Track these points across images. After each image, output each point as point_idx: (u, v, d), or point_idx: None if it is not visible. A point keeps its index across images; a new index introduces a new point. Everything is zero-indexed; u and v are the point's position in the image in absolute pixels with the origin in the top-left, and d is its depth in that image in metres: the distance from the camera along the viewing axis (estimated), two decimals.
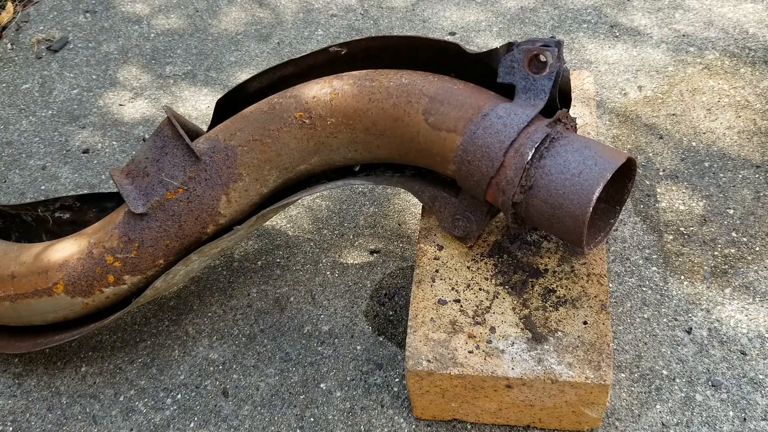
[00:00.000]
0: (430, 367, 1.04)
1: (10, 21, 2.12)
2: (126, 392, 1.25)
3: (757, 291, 1.27)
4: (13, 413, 1.24)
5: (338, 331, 1.29)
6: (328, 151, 1.15)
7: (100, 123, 1.78)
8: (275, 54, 1.93)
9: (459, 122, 1.06)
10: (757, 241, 1.34)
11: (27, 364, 1.31)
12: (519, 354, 1.03)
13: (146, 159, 1.14)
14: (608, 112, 1.63)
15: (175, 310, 1.36)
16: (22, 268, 1.19)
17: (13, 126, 1.80)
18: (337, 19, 2.01)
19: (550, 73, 1.05)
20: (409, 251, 1.41)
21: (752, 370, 1.16)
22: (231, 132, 1.14)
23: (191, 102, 1.81)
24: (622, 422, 1.12)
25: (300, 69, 1.23)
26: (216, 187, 1.12)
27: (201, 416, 1.20)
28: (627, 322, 1.24)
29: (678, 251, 1.34)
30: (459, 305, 1.10)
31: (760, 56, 1.70)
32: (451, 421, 1.15)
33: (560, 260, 1.14)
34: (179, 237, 1.13)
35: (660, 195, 1.44)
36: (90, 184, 1.64)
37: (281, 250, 1.44)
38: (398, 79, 1.11)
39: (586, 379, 1.00)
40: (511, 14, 1.95)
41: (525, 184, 1.01)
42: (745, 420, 1.11)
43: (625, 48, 1.79)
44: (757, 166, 1.47)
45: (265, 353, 1.28)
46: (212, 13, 2.09)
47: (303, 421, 1.18)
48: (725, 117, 1.57)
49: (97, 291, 1.16)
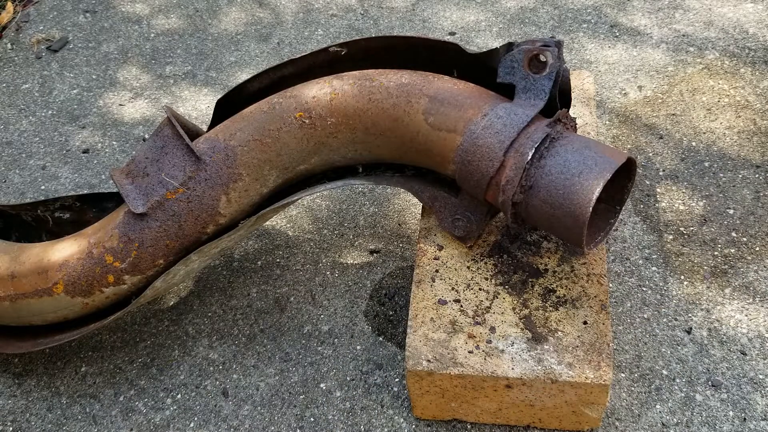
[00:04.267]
0: (430, 367, 1.04)
1: (10, 21, 2.12)
2: (126, 392, 1.25)
3: (757, 291, 1.27)
4: (13, 413, 1.24)
5: (338, 331, 1.29)
6: (328, 151, 1.15)
7: (100, 123, 1.78)
8: (275, 54, 1.93)
9: (459, 122, 1.06)
10: (757, 241, 1.34)
11: (27, 364, 1.31)
12: (519, 354, 1.03)
13: (146, 159, 1.14)
14: (608, 112, 1.63)
15: (175, 310, 1.36)
16: (22, 268, 1.19)
17: (13, 126, 1.80)
18: (337, 19, 2.01)
19: (550, 73, 1.05)
20: (409, 251, 1.41)
21: (752, 370, 1.16)
22: (231, 132, 1.14)
23: (191, 102, 1.81)
24: (622, 422, 1.12)
25: (300, 69, 1.23)
26: (216, 187, 1.12)
27: (201, 416, 1.20)
28: (627, 322, 1.24)
29: (678, 251, 1.34)
30: (459, 305, 1.10)
31: (760, 56, 1.70)
32: (451, 421, 1.15)
33: (560, 260, 1.14)
34: (179, 237, 1.13)
35: (660, 195, 1.44)
36: (90, 184, 1.64)
37: (281, 250, 1.44)
38: (398, 79, 1.11)
39: (586, 379, 1.00)
40: (511, 14, 1.95)
41: (525, 184, 1.01)
42: (745, 420, 1.11)
43: (625, 48, 1.79)
44: (757, 166, 1.47)
45: (265, 353, 1.28)
46: (212, 13, 2.09)
47: (303, 421, 1.18)
48: (725, 117, 1.57)
49: (97, 291, 1.16)
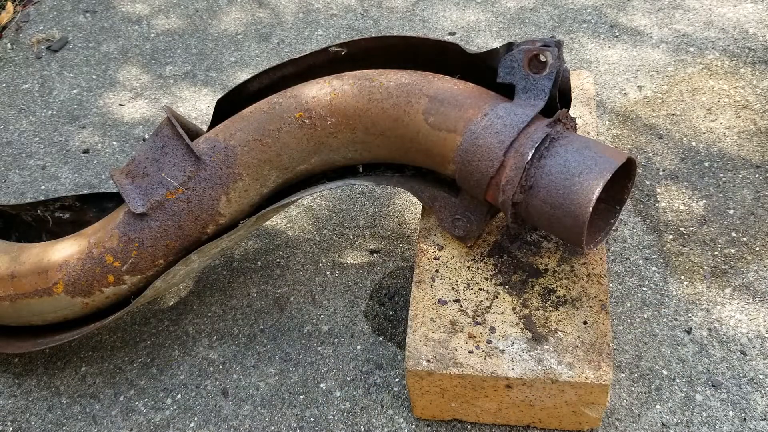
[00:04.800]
0: (430, 367, 1.04)
1: (10, 21, 2.12)
2: (126, 392, 1.25)
3: (757, 291, 1.27)
4: (13, 413, 1.24)
5: (338, 331, 1.29)
6: (328, 151, 1.15)
7: (100, 123, 1.78)
8: (275, 54, 1.93)
9: (459, 122, 1.06)
10: (757, 241, 1.34)
11: (27, 364, 1.31)
12: (519, 354, 1.03)
13: (146, 159, 1.14)
14: (608, 112, 1.63)
15: (175, 310, 1.36)
16: (22, 268, 1.19)
17: (13, 126, 1.80)
18: (337, 19, 2.01)
19: (550, 73, 1.05)
20: (409, 251, 1.41)
21: (752, 370, 1.16)
22: (231, 132, 1.14)
23: (191, 102, 1.81)
24: (622, 422, 1.12)
25: (300, 69, 1.23)
26: (216, 187, 1.12)
27: (201, 416, 1.20)
28: (627, 322, 1.24)
29: (678, 251, 1.34)
30: (459, 305, 1.10)
31: (760, 56, 1.70)
32: (451, 421, 1.15)
33: (560, 260, 1.14)
34: (179, 237, 1.13)
35: (660, 195, 1.44)
36: (90, 184, 1.64)
37: (281, 250, 1.44)
38: (398, 79, 1.11)
39: (586, 379, 1.00)
40: (511, 14, 1.95)
41: (525, 184, 1.01)
42: (745, 420, 1.11)
43: (625, 48, 1.79)
44: (757, 166, 1.47)
45: (265, 353, 1.28)
46: (212, 13, 2.09)
47: (303, 421, 1.18)
48: (725, 117, 1.57)
49: (97, 291, 1.16)
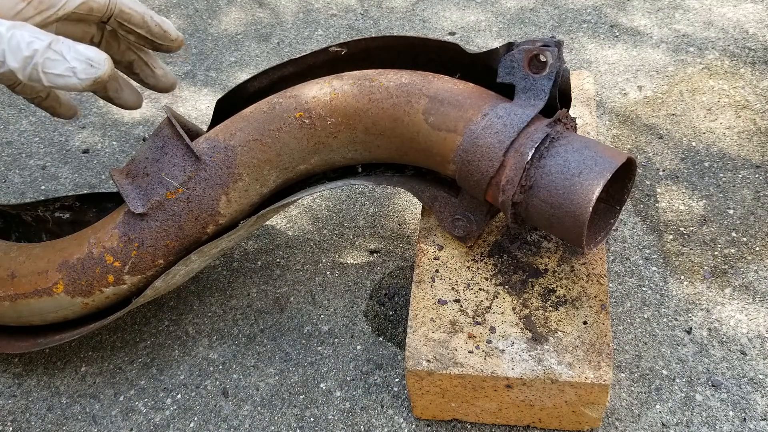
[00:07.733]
0: (430, 367, 1.03)
1: None
2: (126, 392, 1.25)
3: (757, 291, 1.27)
4: (13, 413, 1.24)
5: (338, 331, 1.29)
6: (328, 151, 1.15)
7: (100, 123, 1.78)
8: (275, 54, 1.93)
9: (459, 122, 1.06)
10: (757, 241, 1.34)
11: (27, 364, 1.31)
12: (519, 354, 1.03)
13: (146, 159, 1.14)
14: (608, 112, 1.63)
15: (175, 310, 1.36)
16: (22, 267, 1.19)
17: (13, 126, 1.80)
18: (337, 19, 2.01)
19: (550, 73, 1.05)
20: (409, 251, 1.41)
21: (752, 370, 1.16)
22: (231, 132, 1.14)
23: (191, 102, 1.81)
24: (622, 422, 1.12)
25: (300, 69, 1.23)
26: (216, 187, 1.12)
27: (201, 416, 1.20)
28: (627, 322, 1.24)
29: (678, 251, 1.34)
30: (459, 305, 1.10)
31: (760, 56, 1.70)
32: (451, 421, 1.15)
33: (560, 260, 1.14)
34: (179, 237, 1.13)
35: (660, 195, 1.44)
36: (90, 184, 1.64)
37: (281, 250, 1.44)
38: (398, 79, 1.11)
39: (586, 379, 1.00)
40: (511, 14, 1.95)
41: (525, 184, 1.01)
42: (745, 420, 1.11)
43: (625, 48, 1.79)
44: (757, 166, 1.47)
45: (265, 353, 1.28)
46: (212, 13, 2.09)
47: (303, 421, 1.18)
48: (725, 117, 1.57)
49: (97, 291, 1.16)
